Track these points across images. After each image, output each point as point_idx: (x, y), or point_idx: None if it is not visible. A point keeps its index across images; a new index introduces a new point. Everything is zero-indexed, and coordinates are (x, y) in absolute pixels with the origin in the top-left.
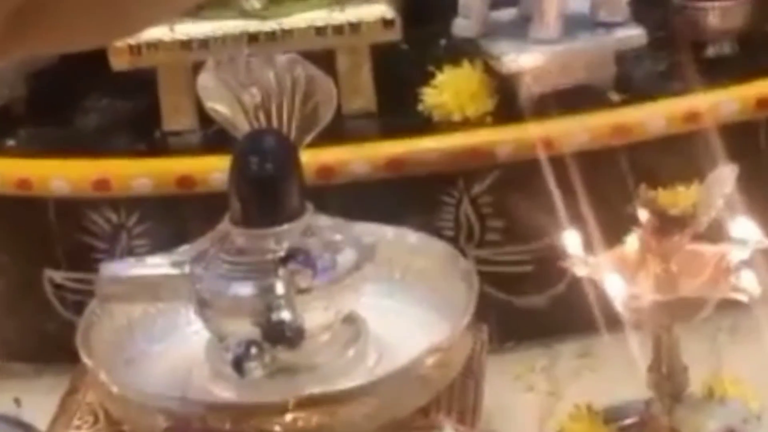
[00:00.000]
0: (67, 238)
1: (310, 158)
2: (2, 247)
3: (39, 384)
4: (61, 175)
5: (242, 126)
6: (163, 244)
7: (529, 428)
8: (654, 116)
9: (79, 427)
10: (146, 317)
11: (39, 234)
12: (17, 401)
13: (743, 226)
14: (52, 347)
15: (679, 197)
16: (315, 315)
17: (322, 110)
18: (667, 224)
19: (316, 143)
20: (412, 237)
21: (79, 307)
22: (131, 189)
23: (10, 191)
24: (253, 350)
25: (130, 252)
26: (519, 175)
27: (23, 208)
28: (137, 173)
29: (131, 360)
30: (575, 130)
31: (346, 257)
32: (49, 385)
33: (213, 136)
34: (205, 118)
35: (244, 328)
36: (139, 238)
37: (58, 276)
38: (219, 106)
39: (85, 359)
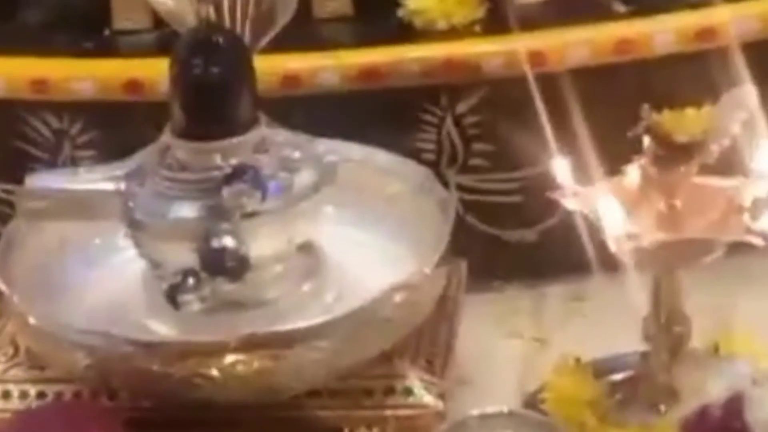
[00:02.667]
0: (3, 144)
1: (275, 65)
2: None
3: None
4: None
5: (190, 23)
6: (111, 156)
7: (509, 380)
8: (663, 31)
9: None
10: (81, 238)
11: None
12: None
13: (761, 158)
14: None
15: (687, 121)
16: (264, 243)
17: (281, 9)
18: (673, 152)
19: (282, 48)
20: (382, 158)
21: None
22: (73, 92)
23: None
24: (190, 281)
25: (74, 164)
26: (509, 93)
27: None
28: (80, 75)
29: (61, 287)
30: (574, 44)
31: (304, 178)
32: None
33: (167, 38)
34: (159, 18)
35: (182, 256)
36: (84, 148)
37: None
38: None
39: (1, 284)
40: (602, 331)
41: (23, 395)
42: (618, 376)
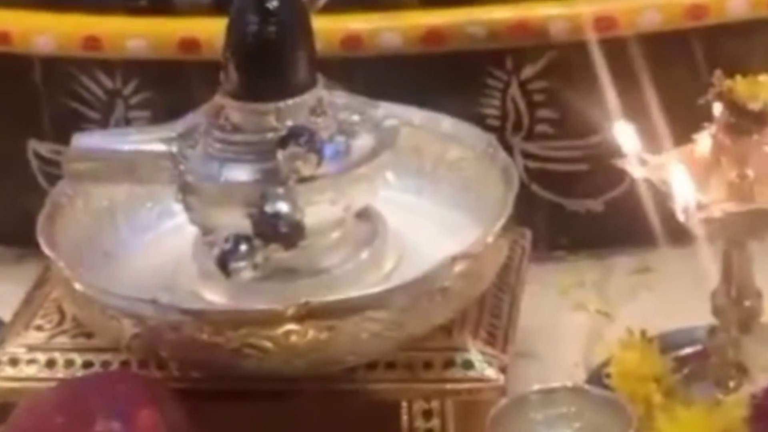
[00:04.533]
0: (55, 105)
1: (335, 25)
2: None
3: (19, 271)
4: (46, 29)
5: None
6: (165, 117)
7: (573, 352)
8: None
9: (40, 327)
10: (130, 202)
11: (23, 98)
12: None
13: None
14: (36, 229)
15: (760, 88)
16: (320, 209)
17: None
18: (745, 120)
19: (343, 8)
20: (445, 123)
21: None
22: (126, 50)
23: None
24: (243, 247)
25: (127, 125)
26: (577, 58)
27: (5, 68)
28: (134, 32)
29: (108, 253)
30: (645, 8)
31: (362, 142)
32: (30, 272)
33: None
34: None
35: (235, 221)
36: (137, 108)
37: (44, 148)
38: None
39: (45, 249)
40: (669, 304)
41: (69, 364)
42: (685, 351)
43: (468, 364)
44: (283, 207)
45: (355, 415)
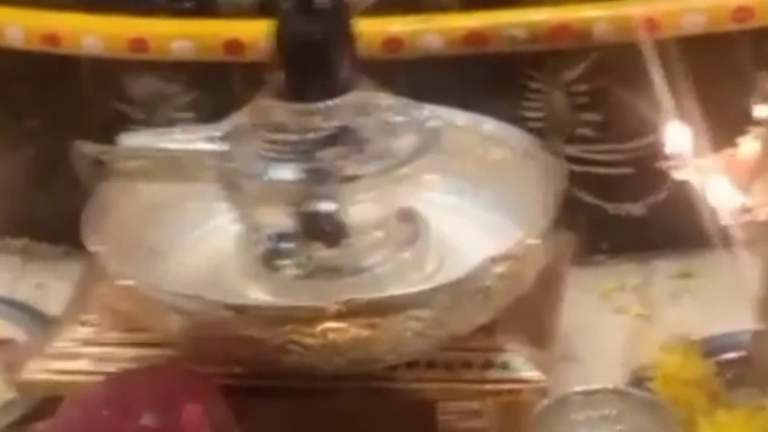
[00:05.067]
0: (101, 105)
1: (377, 27)
2: (33, 111)
3: (66, 267)
4: (93, 31)
5: None
6: (209, 118)
7: (615, 356)
8: None
9: (88, 322)
10: (177, 199)
11: (72, 98)
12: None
13: None
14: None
15: None
16: (363, 208)
17: None
18: None
19: (384, 10)
20: (488, 125)
21: None
22: (171, 51)
23: (37, 46)
24: (287, 245)
25: (172, 125)
26: (620, 61)
27: (54, 68)
28: (179, 34)
29: (155, 249)
30: (689, 11)
31: (406, 143)
32: (76, 269)
33: None
34: None
35: (279, 219)
36: (182, 109)
37: (90, 148)
38: None
39: (92, 245)
40: (711, 309)
41: (115, 358)
42: (728, 356)
43: (508, 365)
44: (326, 206)
45: (394, 413)
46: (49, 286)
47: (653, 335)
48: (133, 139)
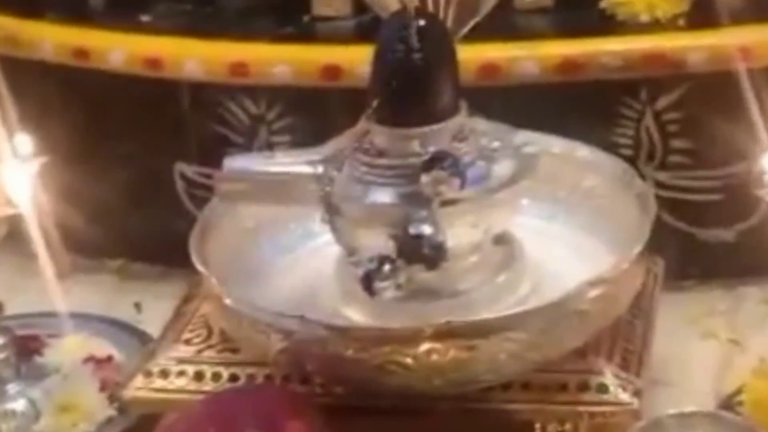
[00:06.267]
0: (201, 129)
1: (474, 55)
2: (132, 134)
3: (163, 288)
4: (194, 56)
5: (393, 8)
6: (306, 143)
7: (705, 380)
8: None
9: (189, 341)
10: (276, 222)
11: (171, 122)
12: (138, 306)
13: None
14: (180, 248)
15: None
16: (461, 232)
17: None
18: None
19: (481, 38)
20: (582, 151)
21: None
22: (271, 76)
23: (138, 70)
24: (386, 267)
25: (270, 149)
26: (712, 89)
27: (155, 92)
28: (278, 59)
29: (254, 270)
30: None
31: (503, 168)
32: (173, 289)
33: (366, 25)
34: (359, 4)
35: (378, 242)
36: (280, 133)
37: (190, 170)
38: None
39: (198, 265)
40: None
41: (216, 377)
42: None
43: (602, 388)
44: (426, 229)
45: None
46: (145, 305)
47: (742, 360)
48: (238, 162)
